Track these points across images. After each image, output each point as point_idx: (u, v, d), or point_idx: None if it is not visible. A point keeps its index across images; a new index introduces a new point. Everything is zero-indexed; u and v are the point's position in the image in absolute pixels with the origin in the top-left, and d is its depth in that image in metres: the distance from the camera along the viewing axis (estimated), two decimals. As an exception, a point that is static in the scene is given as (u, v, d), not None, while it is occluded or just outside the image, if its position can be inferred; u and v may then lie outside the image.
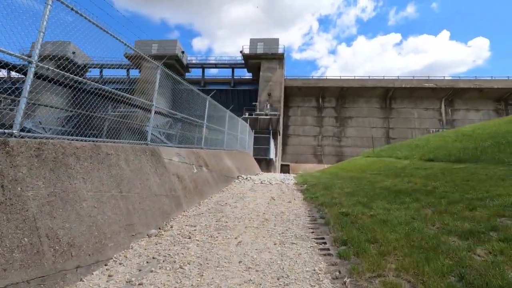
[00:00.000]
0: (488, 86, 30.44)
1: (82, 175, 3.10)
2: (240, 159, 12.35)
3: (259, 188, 7.83)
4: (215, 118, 11.19)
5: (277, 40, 31.82)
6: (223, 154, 9.98)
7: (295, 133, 34.60)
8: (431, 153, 9.88)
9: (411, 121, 33.28)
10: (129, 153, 4.20)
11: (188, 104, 8.99)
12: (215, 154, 8.87)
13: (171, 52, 33.18)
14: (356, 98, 34.78)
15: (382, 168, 9.94)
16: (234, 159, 11.35)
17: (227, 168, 9.34)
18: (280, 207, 5.27)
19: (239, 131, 13.84)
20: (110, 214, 3.19)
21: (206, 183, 6.68)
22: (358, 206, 4.45)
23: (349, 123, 34.44)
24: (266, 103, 28.62)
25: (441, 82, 31.59)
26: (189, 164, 6.33)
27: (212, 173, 7.56)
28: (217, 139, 11.93)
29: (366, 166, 11.48)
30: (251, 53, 31.45)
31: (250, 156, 16.06)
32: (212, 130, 11.88)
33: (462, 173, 6.01)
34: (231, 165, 10.26)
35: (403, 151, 12.32)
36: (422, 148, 11.78)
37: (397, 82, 32.30)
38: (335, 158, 33.30)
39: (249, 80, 35.77)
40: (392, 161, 11.15)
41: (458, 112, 32.73)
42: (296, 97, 35.44)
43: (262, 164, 19.81)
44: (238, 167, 11.16)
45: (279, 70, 31.11)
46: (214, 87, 36.26)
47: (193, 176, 6.17)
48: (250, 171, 12.92)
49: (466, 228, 2.92)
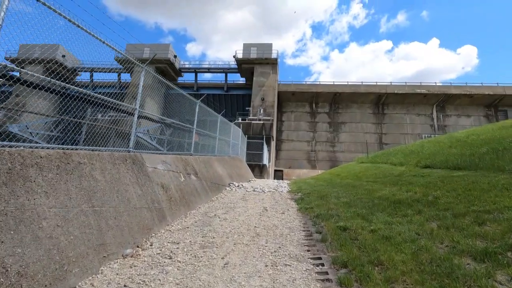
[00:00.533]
0: (478, 92, 30.88)
1: (44, 189, 2.69)
2: (232, 166, 11.96)
3: (251, 197, 7.45)
4: (206, 123, 10.82)
5: (270, 45, 31.77)
6: (214, 161, 9.59)
7: (288, 138, 34.39)
8: (427, 159, 9.67)
9: (404, 127, 33.46)
10: (105, 162, 3.79)
11: (178, 109, 8.61)
12: (205, 161, 8.47)
13: (163, 56, 32.79)
14: (349, 104, 34.88)
15: (378, 175, 9.69)
16: (226, 165, 10.96)
17: (218, 175, 8.94)
18: (273, 219, 4.91)
19: (231, 137, 13.48)
20: (77, 234, 2.78)
21: (194, 192, 6.27)
22: (356, 219, 4.11)
23: (342, 129, 34.44)
24: (260, 108, 28.38)
25: (432, 88, 31.92)
26: (176, 172, 5.92)
27: (202, 181, 7.16)
28: (208, 145, 11.55)
29: (362, 173, 11.22)
30: (244, 58, 31.29)
31: (243, 162, 15.68)
32: (203, 135, 11.50)
33: (463, 181, 5.76)
34: (223, 172, 9.87)
35: (398, 157, 12.12)
36: (417, 154, 11.60)
37: (390, 88, 32.52)
38: (328, 163, 33.16)
39: (243, 85, 35.56)
40: (388, 167, 10.92)
41: (450, 118, 33.07)
42: (289, 102, 35.34)
43: (255, 170, 19.44)
44: (230, 174, 10.77)
45: (272, 75, 30.99)
46: (207, 92, 35.87)
47: (180, 186, 5.76)
48: (242, 178, 12.53)
49: (479, 248, 2.61)
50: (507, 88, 30.65)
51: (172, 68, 34.22)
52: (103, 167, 3.71)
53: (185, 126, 8.63)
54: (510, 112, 32.01)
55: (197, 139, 11.05)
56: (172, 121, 8.91)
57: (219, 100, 35.81)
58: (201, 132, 10.09)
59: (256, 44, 32.28)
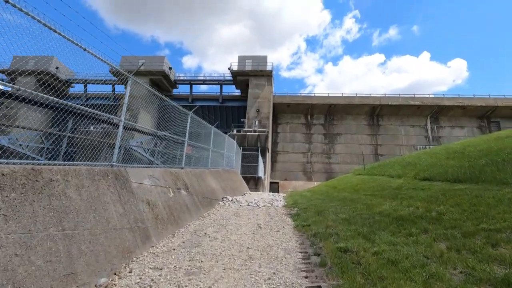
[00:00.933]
0: (470, 104, 31.27)
1: (3, 212, 2.34)
2: (226, 179, 11.59)
3: (245, 212, 7.08)
4: (201, 135, 10.53)
5: (265, 58, 32.00)
6: (207, 174, 9.24)
7: (284, 150, 34.16)
8: (425, 171, 9.46)
9: (399, 138, 33.54)
10: (83, 178, 3.45)
11: (171, 121, 8.34)
12: (197, 174, 8.12)
13: (158, 68, 32.76)
14: (344, 115, 35.00)
15: (376, 188, 9.41)
16: (220, 178, 10.60)
17: (210, 189, 8.57)
18: (267, 238, 4.55)
19: (225, 149, 13.17)
20: (40, 263, 2.41)
21: (184, 208, 5.89)
22: (358, 239, 3.79)
23: (337, 140, 34.38)
24: (255, 120, 28.23)
25: (426, 100, 32.26)
26: (165, 187, 5.57)
27: (193, 196, 6.79)
28: (202, 157, 11.22)
29: (359, 186, 10.94)
30: (239, 70, 31.39)
31: (238, 175, 15.31)
32: (196, 148, 11.19)
33: (466, 195, 5.50)
34: (216, 185, 9.50)
35: (396, 169, 11.90)
36: (414, 166, 11.40)
37: (384, 99, 32.79)
38: (324, 175, 32.88)
39: (238, 96, 35.56)
40: (385, 179, 10.67)
41: (444, 129, 33.30)
42: (284, 113, 35.34)
43: (250, 183, 19.03)
44: (224, 188, 10.39)
45: (267, 86, 31.05)
46: (202, 104, 35.76)
47: (169, 202, 5.40)
48: (236, 191, 12.14)
49: (499, 275, 2.31)
50: (498, 100, 31.12)
51: (167, 80, 34.13)
52: (80, 184, 3.36)
53: (177, 138, 8.32)
54: (502, 123, 32.38)
55: (189, 152, 10.72)
56: (163, 133, 8.61)
57: (214, 112, 35.66)
58: (193, 144, 9.78)
59: (251, 56, 32.50)
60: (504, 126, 32.33)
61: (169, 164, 10.62)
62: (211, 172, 9.91)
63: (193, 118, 8.41)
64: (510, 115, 32.16)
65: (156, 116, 30.64)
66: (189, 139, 9.01)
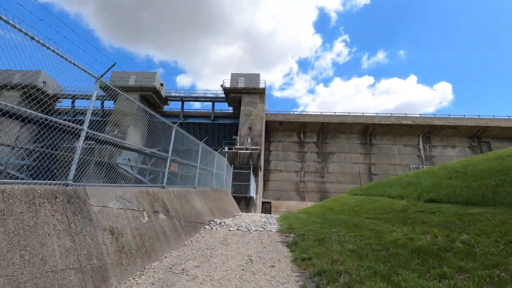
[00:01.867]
0: (461, 124, 31.55)
1: None
2: (214, 199, 10.64)
3: (234, 239, 6.14)
4: (189, 152, 9.69)
5: (258, 75, 31.95)
6: (193, 194, 8.31)
7: (276, 168, 33.34)
8: (429, 192, 8.77)
9: (392, 157, 33.28)
10: (14, 203, 2.57)
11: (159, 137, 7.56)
12: (181, 195, 7.20)
13: (149, 84, 32.21)
14: (337, 134, 34.77)
15: (378, 210, 8.63)
16: (207, 199, 9.65)
17: (196, 211, 7.62)
18: (259, 277, 3.65)
19: (215, 166, 12.30)
20: None
21: (160, 236, 4.95)
22: (376, 281, 2.96)
23: (331, 159, 33.87)
24: (247, 137, 27.56)
25: (417, 120, 32.42)
26: (138, 210, 4.66)
27: (174, 221, 5.86)
28: (189, 175, 10.33)
29: (358, 207, 10.14)
30: (232, 87, 31.12)
31: (228, 195, 14.33)
32: (183, 165, 10.33)
33: (487, 220, 4.78)
34: (203, 207, 8.55)
35: (395, 189, 11.21)
36: (415, 186, 10.74)
37: (376, 119, 32.82)
38: (318, 194, 32.01)
39: (230, 114, 35.09)
40: (386, 201, 9.93)
41: (436, 148, 33.30)
42: (277, 131, 34.89)
43: (241, 203, 17.99)
44: (212, 209, 9.43)
45: (260, 104, 30.74)
46: (193, 121, 35.09)
47: (141, 229, 4.47)
48: (226, 213, 11.15)
49: None
50: (488, 121, 31.52)
51: (158, 96, 33.52)
52: (8, 210, 2.48)
53: (161, 154, 7.47)
54: (493, 143, 32.63)
55: (174, 169, 9.83)
56: (149, 150, 7.76)
57: (206, 129, 34.96)
58: (177, 161, 8.92)
59: (244, 74, 32.42)
60: (494, 147, 32.56)
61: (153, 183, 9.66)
62: (198, 192, 8.99)
63: (178, 131, 7.62)
64: (500, 135, 32.50)
65: (146, 132, 29.59)
66: (177, 156, 8.17)
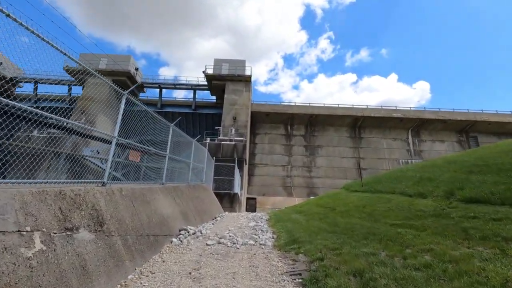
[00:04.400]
0: (451, 117, 30.88)
1: None
2: (190, 198, 8.41)
3: (212, 267, 3.99)
4: (152, 136, 7.37)
5: (243, 62, 29.58)
6: (158, 193, 6.04)
7: (262, 162, 31.36)
8: (461, 189, 7.00)
9: (381, 152, 32.22)
10: None
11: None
12: (136, 195, 4.93)
13: (122, 68, 28.99)
14: (325, 127, 33.22)
15: (400, 213, 6.76)
16: (180, 198, 7.40)
17: (158, 218, 5.38)
18: None
19: (192, 158, 10.02)
20: None
21: (69, 275, 2.72)
22: None
23: (319, 153, 32.32)
24: (231, 128, 25.28)
25: (408, 113, 31.44)
26: (17, 232, 2.39)
27: (112, 240, 3.61)
28: (158, 168, 8.05)
29: (369, 207, 8.27)
30: (215, 74, 28.58)
31: (208, 192, 12.11)
32: (151, 156, 8.05)
33: None
34: (171, 210, 6.30)
35: (407, 185, 9.46)
36: (432, 181, 9.03)
37: (366, 111, 31.52)
38: (305, 190, 30.43)
39: (213, 103, 32.59)
40: (402, 200, 8.11)
41: (425, 143, 32.57)
42: (263, 123, 32.82)
43: (224, 200, 15.82)
44: (185, 212, 7.20)
45: (245, 93, 28.45)
46: (172, 110, 32.27)
47: (16, 273, 2.22)
48: (205, 215, 8.97)
49: None
50: (477, 115, 31.05)
51: (133, 82, 30.38)
52: None
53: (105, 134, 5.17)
54: (480, 138, 32.31)
55: (135, 159, 7.48)
56: (103, 132, 5.40)
57: (186, 119, 32.26)
58: (140, 148, 6.60)
59: (228, 60, 29.95)
60: (482, 141, 32.24)
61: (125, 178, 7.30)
62: (167, 190, 6.72)
63: (129, 101, 5.32)
64: (487, 130, 32.21)
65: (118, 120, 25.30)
66: (117, 135, 5.87)
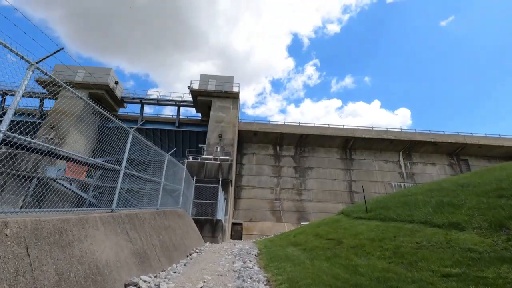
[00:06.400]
0: (441, 140, 30.37)
1: None
2: (156, 229, 6.29)
3: None
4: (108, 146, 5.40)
5: (231, 78, 28.34)
6: (95, 226, 3.96)
7: (249, 184, 29.21)
8: (509, 219, 5.34)
9: (373, 174, 30.95)
10: None
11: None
12: (42, 234, 2.89)
13: (101, 81, 26.99)
14: (315, 148, 31.88)
15: (442, 252, 4.96)
16: (138, 231, 5.30)
17: (83, 271, 3.29)
18: None
19: (163, 176, 7.97)
20: None
21: None
22: None
23: (309, 174, 30.63)
24: (217, 146, 23.33)
25: (399, 134, 30.73)
26: None
27: None
28: (113, 187, 5.98)
29: (389, 242, 6.42)
30: (201, 89, 27.03)
31: (185, 219, 9.91)
32: (104, 169, 6.06)
33: None
34: (117, 251, 4.20)
35: (429, 212, 7.75)
36: (457, 207, 7.38)
37: (357, 132, 30.57)
38: (295, 215, 28.27)
39: (198, 121, 30.76)
40: (433, 232, 6.34)
41: (417, 165, 31.70)
42: (251, 143, 31.11)
43: (205, 229, 13.51)
44: (142, 252, 5.08)
45: (233, 110, 26.91)
46: (154, 127, 30.12)
47: None
48: (176, 252, 6.80)
49: None
50: (467, 137, 30.74)
51: (112, 97, 28.29)
52: None
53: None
54: (471, 161, 31.84)
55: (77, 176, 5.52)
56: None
57: (169, 136, 30.13)
58: (80, 159, 4.60)
59: (215, 76, 28.64)
60: (472, 165, 31.76)
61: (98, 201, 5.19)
62: (115, 220, 4.64)
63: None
64: (477, 153, 31.86)
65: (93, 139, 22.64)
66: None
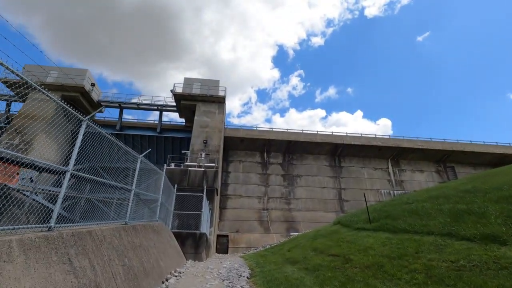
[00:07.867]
0: (429, 147, 30.32)
1: None
2: (120, 251, 4.80)
3: None
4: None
5: (217, 82, 27.09)
6: (12, 255, 2.51)
7: (236, 193, 27.68)
8: None
9: (362, 181, 30.30)
10: None
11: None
12: None
13: (75, 83, 24.96)
14: (304, 155, 30.96)
15: (495, 276, 3.81)
16: (91, 256, 3.83)
17: None
18: None
19: (134, 183, 6.49)
20: None
21: None
22: None
23: (298, 182, 29.54)
24: (201, 152, 21.81)
25: (387, 141, 30.43)
26: None
27: None
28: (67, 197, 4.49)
29: (413, 261, 5.23)
30: (184, 93, 25.58)
31: (162, 234, 8.35)
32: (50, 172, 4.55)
33: None
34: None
35: (446, 222, 6.70)
36: (484, 216, 6.39)
37: (346, 139, 29.98)
38: (284, 225, 26.92)
39: (181, 126, 29.14)
40: (465, 247, 5.24)
41: (405, 173, 31.41)
42: (238, 150, 29.75)
43: (187, 244, 11.88)
44: (95, 286, 3.61)
45: (218, 115, 25.58)
46: (134, 132, 28.19)
47: None
48: (147, 279, 5.30)
49: None
50: (453, 145, 30.87)
51: (87, 99, 26.23)
52: None
53: None
54: (457, 168, 31.96)
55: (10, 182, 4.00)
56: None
57: (150, 143, 28.24)
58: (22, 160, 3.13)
59: (200, 79, 27.32)
60: (459, 172, 31.89)
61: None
62: (50, 244, 3.17)
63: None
64: (463, 160, 32.04)
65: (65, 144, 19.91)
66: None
